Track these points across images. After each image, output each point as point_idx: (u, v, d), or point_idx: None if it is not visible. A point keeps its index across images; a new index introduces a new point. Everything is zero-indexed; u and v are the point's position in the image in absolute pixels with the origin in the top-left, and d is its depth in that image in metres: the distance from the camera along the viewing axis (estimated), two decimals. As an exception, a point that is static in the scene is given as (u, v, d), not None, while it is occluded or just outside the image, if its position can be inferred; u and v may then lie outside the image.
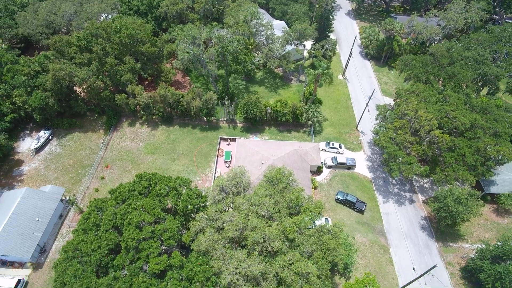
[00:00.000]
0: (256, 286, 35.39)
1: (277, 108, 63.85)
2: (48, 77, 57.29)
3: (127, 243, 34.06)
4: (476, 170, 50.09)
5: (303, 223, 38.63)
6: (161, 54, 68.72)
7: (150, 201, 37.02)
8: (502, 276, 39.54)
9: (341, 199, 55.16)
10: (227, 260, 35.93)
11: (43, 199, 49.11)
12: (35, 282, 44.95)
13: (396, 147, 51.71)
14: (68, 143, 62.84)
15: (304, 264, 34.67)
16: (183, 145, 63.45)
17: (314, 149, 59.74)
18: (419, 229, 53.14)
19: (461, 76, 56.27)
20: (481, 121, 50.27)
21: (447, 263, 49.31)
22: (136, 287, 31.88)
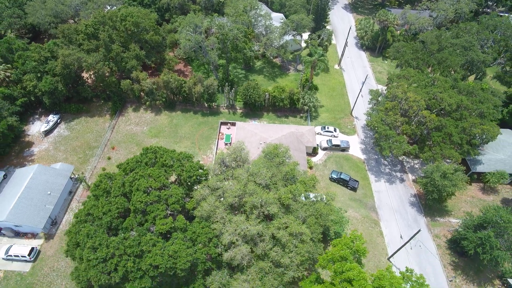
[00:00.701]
0: (254, 246, 38.48)
1: (275, 93, 66.91)
2: (57, 62, 60.32)
3: (136, 206, 37.11)
4: (462, 148, 53.14)
5: (297, 191, 41.65)
6: (164, 43, 71.75)
7: (156, 170, 40.08)
8: (483, 242, 42.56)
9: (335, 177, 58.22)
10: (227, 223, 39.00)
11: (54, 175, 52.16)
12: (47, 251, 48.02)
13: (387, 127, 54.78)
14: (75, 126, 65.92)
15: (298, 226, 37.73)
16: (185, 129, 66.50)
17: (310, 132, 62.80)
18: (409, 205, 56.21)
19: (449, 62, 59.32)
20: (466, 102, 53.27)
21: (434, 235, 52.39)
22: (144, 244, 34.90)
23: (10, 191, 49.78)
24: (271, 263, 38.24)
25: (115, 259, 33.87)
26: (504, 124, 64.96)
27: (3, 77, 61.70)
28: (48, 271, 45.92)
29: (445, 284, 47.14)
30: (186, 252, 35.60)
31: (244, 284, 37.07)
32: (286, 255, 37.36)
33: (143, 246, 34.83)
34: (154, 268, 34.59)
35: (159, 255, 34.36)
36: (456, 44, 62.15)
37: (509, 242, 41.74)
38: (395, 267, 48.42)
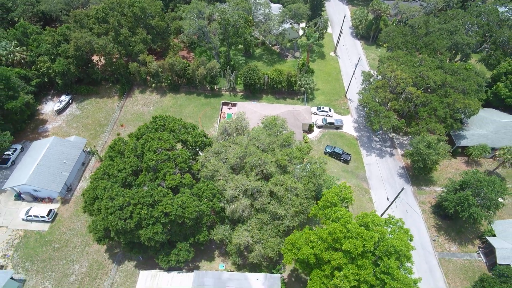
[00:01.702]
0: (254, 201, 42.75)
1: (274, 76, 71.22)
2: (70, 45, 64.57)
3: (148, 163, 41.35)
4: (446, 122, 57.45)
5: (293, 154, 45.96)
6: (169, 29, 76.05)
7: (165, 134, 44.36)
8: (462, 201, 46.85)
9: (329, 151, 62.52)
10: (229, 181, 43.27)
11: (68, 146, 56.40)
12: (63, 213, 52.26)
13: (377, 104, 59.11)
14: (86, 106, 70.18)
15: (292, 181, 42.02)
16: (189, 109, 70.78)
17: (306, 110, 67.12)
18: (397, 176, 60.51)
19: (435, 44, 63.70)
20: (450, 80, 57.61)
21: (420, 202, 56.71)
22: (156, 194, 39.11)
23: (29, 160, 53.97)
24: (269, 216, 42.55)
25: (130, 207, 38.08)
26: (488, 104, 69.46)
27: (19, 59, 65.98)
28: (65, 230, 50.17)
29: (429, 244, 51.43)
30: (193, 203, 39.85)
31: (245, 232, 41.36)
32: (282, 207, 41.66)
33: (155, 197, 39.07)
34: (165, 215, 38.86)
35: (170, 204, 38.61)
36: (443, 29, 66.54)
37: (485, 200, 45.99)
38: (383, 228, 52.69)
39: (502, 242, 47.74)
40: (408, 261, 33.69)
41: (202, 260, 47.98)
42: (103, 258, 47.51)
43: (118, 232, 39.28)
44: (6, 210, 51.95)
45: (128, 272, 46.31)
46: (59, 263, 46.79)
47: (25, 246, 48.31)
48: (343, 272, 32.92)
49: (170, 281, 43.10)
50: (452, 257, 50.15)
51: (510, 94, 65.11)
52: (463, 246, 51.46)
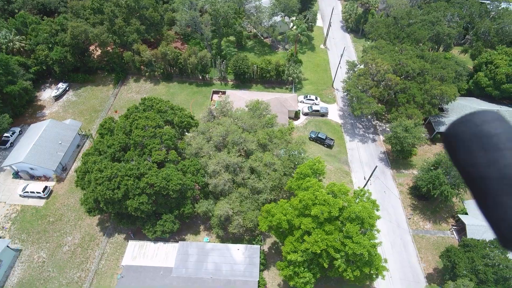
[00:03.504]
0: (235, 176, 45.58)
1: (262, 65, 74.00)
2: (67, 34, 67.63)
3: (135, 139, 44.23)
4: (424, 108, 60.06)
5: (273, 134, 48.75)
6: (162, 21, 79.00)
7: (152, 113, 47.26)
8: (433, 180, 49.51)
9: (313, 136, 65.25)
10: (212, 157, 46.14)
11: (64, 128, 59.48)
12: (58, 190, 55.31)
13: (358, 90, 61.80)
14: (82, 93, 73.26)
15: (271, 157, 44.83)
16: (181, 97, 73.69)
17: (293, 98, 69.88)
18: (378, 160, 63.18)
19: (417, 35, 66.30)
20: (428, 67, 60.21)
21: (398, 184, 59.38)
22: (142, 167, 42.02)
23: (27, 140, 57.08)
24: (249, 190, 45.37)
25: (118, 178, 40.98)
26: (470, 93, 71.98)
27: (18, 47, 69.12)
28: (59, 206, 53.22)
29: (404, 222, 54.12)
30: (177, 176, 42.71)
31: (226, 204, 44.21)
32: (261, 182, 44.47)
33: (141, 169, 41.98)
34: (150, 186, 41.75)
35: (155, 176, 41.51)
36: (425, 20, 69.10)
37: (454, 178, 48.59)
38: (361, 207, 55.44)
39: (473, 219, 50.34)
40: (371, 227, 36.40)
41: (188, 234, 50.91)
42: (95, 231, 50.53)
43: (107, 202, 42.20)
44: (4, 187, 55.05)
45: (118, 243, 49.29)
46: (53, 235, 49.84)
47: (22, 219, 51.38)
48: (313, 236, 35.68)
49: (157, 251, 46.04)
50: (426, 234, 52.82)
51: (489, 83, 67.54)
52: (437, 224, 54.11)
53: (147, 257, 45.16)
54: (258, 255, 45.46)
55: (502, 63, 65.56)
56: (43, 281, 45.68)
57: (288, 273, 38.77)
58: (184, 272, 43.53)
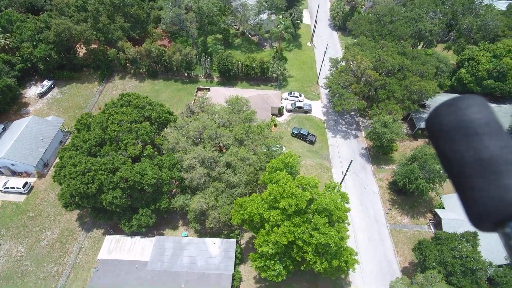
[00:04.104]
0: (211, 170, 45.95)
1: (247, 62, 74.35)
2: (50, 31, 67.95)
3: (110, 134, 44.60)
4: (404, 103, 60.45)
5: (250, 129, 49.12)
6: (148, 18, 79.36)
7: (129, 109, 47.63)
8: (409, 174, 49.92)
9: (296, 133, 65.62)
10: (188, 152, 46.51)
11: (46, 125, 59.82)
12: (39, 186, 55.66)
13: (339, 86, 62.17)
14: (67, 91, 73.60)
15: (245, 151, 45.21)
16: (166, 94, 74.05)
17: (276, 95, 70.25)
18: (359, 156, 63.57)
19: (398, 31, 66.69)
20: (408, 63, 60.60)
21: (378, 179, 59.77)
22: (117, 162, 42.39)
23: (9, 137, 57.44)
24: (224, 184, 45.74)
25: (92, 173, 41.35)
26: (453, 90, 72.41)
27: (3, 45, 69.47)
28: (39, 201, 53.57)
29: (382, 216, 54.53)
30: (152, 171, 43.08)
31: (201, 199, 44.57)
32: (236, 176, 44.84)
33: (115, 164, 42.34)
34: (124, 181, 42.11)
35: (128, 170, 41.87)
36: (407, 17, 69.49)
37: (429, 172, 48.97)
38: (340, 202, 55.85)
39: (449, 213, 50.77)
40: (339, 219, 36.75)
41: (167, 228, 51.27)
42: (74, 226, 50.90)
43: (81, 196, 42.56)
44: (-15, 183, 55.40)
45: (96, 238, 49.66)
46: (32, 230, 50.20)
47: (2, 214, 51.73)
48: (281, 228, 36.06)
49: (133, 245, 46.42)
50: (403, 228, 53.23)
51: (471, 80, 67.98)
52: (415, 218, 54.52)
53: (124, 251, 45.54)
54: (234, 249, 45.84)
55: (484, 59, 65.99)
56: (21, 274, 46.04)
57: (259, 264, 39.16)
58: (159, 266, 43.90)
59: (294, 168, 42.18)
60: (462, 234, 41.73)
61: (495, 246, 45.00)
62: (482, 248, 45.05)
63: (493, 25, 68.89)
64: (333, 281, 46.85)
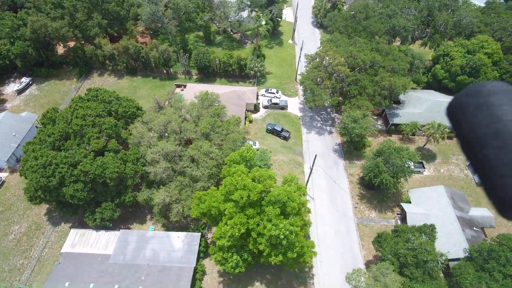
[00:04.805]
0: (175, 164, 46.30)
1: (224, 59, 74.69)
2: (27, 28, 68.34)
3: (73, 128, 45.00)
4: (374, 99, 60.73)
5: (216, 124, 49.47)
6: (127, 15, 79.71)
7: (94, 104, 48.00)
8: (374, 168, 50.25)
9: (270, 129, 65.96)
10: (152, 146, 46.86)
11: (19, 121, 60.20)
12: (10, 181, 56.07)
13: (312, 82, 62.49)
14: (45, 87, 74.02)
15: (209, 145, 45.56)
16: (143, 91, 74.42)
17: (251, 91, 70.60)
18: (332, 151, 63.89)
19: (372, 28, 66.97)
20: (379, 59, 60.88)
21: (349, 174, 60.09)
22: (78, 155, 42.77)
23: (-19, 132, 57.83)
24: (188, 178, 46.10)
25: (52, 166, 41.73)
26: (429, 86, 72.73)
27: (-20, 42, 69.79)
28: (10, 196, 53.97)
29: (351, 211, 54.87)
30: (114, 164, 43.44)
31: (164, 193, 44.93)
32: (199, 170, 45.20)
33: (76, 158, 42.72)
34: (85, 174, 42.47)
35: (89, 164, 42.24)
36: (382, 13, 69.79)
37: (393, 167, 49.28)
38: (310, 196, 56.26)
39: (414, 208, 51.09)
40: (293, 210, 37.06)
41: (134, 223, 51.64)
42: (42, 220, 51.30)
43: (44, 190, 42.93)
44: (-43, 178, 55.81)
45: (63, 232, 50.02)
46: (0, 224, 50.59)
47: (-29, 209, 52.15)
48: (233, 220, 36.41)
49: (98, 239, 46.80)
50: (370, 223, 53.55)
51: (445, 75, 68.24)
52: (383, 213, 54.83)
53: (88, 245, 45.92)
54: (198, 243, 46.20)
55: (457, 55, 66.26)
56: (-14, 268, 46.45)
57: (217, 257, 39.53)
58: (122, 259, 44.27)
59: (252, 161, 42.53)
60: (420, 226, 42.05)
61: (455, 240, 45.33)
62: (443, 242, 45.55)
63: (468, 21, 69.12)
64: (297, 274, 47.27)
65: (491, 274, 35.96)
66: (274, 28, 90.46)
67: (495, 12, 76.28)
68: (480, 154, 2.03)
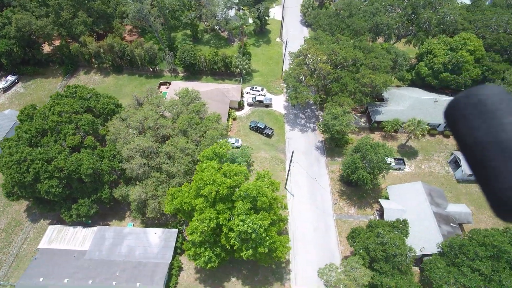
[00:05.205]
0: (151, 161, 46.50)
1: (209, 57, 74.88)
2: (12, 26, 68.51)
3: (50, 125, 45.20)
4: (356, 96, 60.92)
5: (194, 120, 49.66)
6: (114, 13, 79.86)
7: (71, 100, 48.21)
8: (351, 164, 50.46)
9: (253, 126, 66.16)
10: (129, 143, 47.05)
11: (2, 118, 60.42)
12: (-8, 178, 56.29)
13: (294, 80, 62.70)
14: (31, 86, 74.23)
15: (184, 141, 45.75)
16: (128, 88, 74.58)
17: (236, 89, 70.78)
18: (315, 148, 64.09)
19: (355, 26, 67.15)
20: (360, 56, 61.06)
21: (330, 171, 60.29)
22: (52, 152, 42.96)
23: (-38, 130, 58.04)
24: (165, 174, 46.29)
25: (27, 162, 41.91)
26: (413, 84, 72.94)
27: (-35, 40, 69.98)
28: (-10, 193, 54.14)
29: (330, 207, 55.07)
30: (89, 161, 43.61)
31: (140, 189, 45.12)
32: (175, 166, 45.40)
33: (51, 154, 42.91)
34: (59, 170, 42.66)
35: (64, 160, 42.43)
36: (366, 11, 69.97)
37: (370, 163, 49.46)
38: (290, 193, 56.48)
39: (391, 204, 51.28)
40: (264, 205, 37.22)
41: (114, 219, 51.84)
42: (21, 217, 51.49)
43: (20, 186, 43.12)
44: None
45: (42, 228, 50.20)
46: (-21, 221, 50.82)
47: (-49, 206, 52.33)
48: (203, 215, 36.61)
49: (75, 235, 47.00)
50: (349, 219, 53.77)
51: (429, 73, 68.41)
52: (362, 209, 55.05)
53: (64, 241, 46.12)
54: (175, 239, 46.38)
55: (440, 53, 66.45)
56: (-36, 264, 46.65)
57: (190, 253, 39.74)
58: (97, 255, 44.47)
59: (225, 157, 42.72)
60: (393, 222, 42.26)
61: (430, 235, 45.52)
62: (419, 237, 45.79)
63: (451, 19, 69.29)
64: (273, 270, 47.48)
65: (460, 268, 36.14)
66: (261, 27, 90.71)
67: (480, 9, 76.47)
68: (478, 156, 2.06)
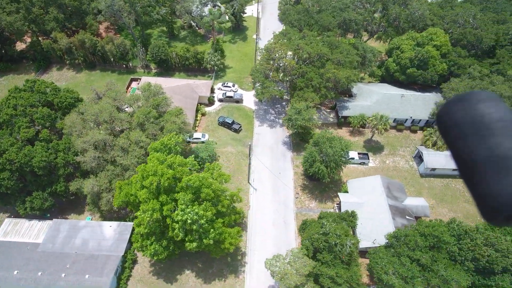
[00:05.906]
0: (106, 154, 46.64)
1: (181, 52, 75.05)
2: (-20, 22, 68.71)
3: (3, 118, 45.34)
4: (320, 91, 61.13)
5: (151, 114, 49.82)
6: (87, 9, 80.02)
7: (27, 94, 48.37)
8: (309, 158, 50.68)
9: (221, 121, 66.36)
10: (83, 136, 47.19)
11: (-34, 113, 60.52)
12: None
13: (261, 75, 62.89)
14: (3, 82, 74.36)
15: (137, 134, 45.91)
16: (100, 84, 74.05)
17: (206, 85, 70.99)
18: (281, 144, 64.28)
19: (324, 21, 67.39)
20: (326, 51, 61.27)
21: (295, 166, 60.48)
22: (4, 144, 43.09)
23: None
24: (120, 167, 46.44)
25: (-23, 155, 42.06)
26: (383, 80, 73.19)
27: None
28: (-49, 187, 54.22)
29: (291, 201, 55.27)
30: (42, 153, 43.73)
31: (93, 182, 45.25)
32: (128, 159, 45.56)
33: (2, 146, 43.02)
34: (10, 162, 42.78)
35: (15, 152, 42.55)
36: (335, 7, 70.22)
37: (327, 156, 49.62)
38: (253, 187, 56.70)
39: (349, 197, 51.53)
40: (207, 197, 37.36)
41: (72, 213, 52.01)
42: (-20, 211, 51.63)
43: (-30, 178, 43.21)
44: None
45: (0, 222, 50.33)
46: None
47: None
48: (145, 206, 36.77)
49: (30, 228, 47.12)
50: (309, 212, 53.94)
51: (397, 68, 68.64)
52: (323, 203, 55.26)
53: (19, 234, 46.25)
54: (129, 232, 46.50)
55: (407, 48, 66.70)
56: None
57: (137, 245, 39.89)
58: (51, 248, 44.59)
59: (174, 149, 42.89)
60: (341, 213, 42.49)
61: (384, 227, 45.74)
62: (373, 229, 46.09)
63: (420, 14, 69.57)
64: (228, 262, 47.65)
65: (399, 258, 36.35)
66: (238, 24, 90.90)
67: (451, 5, 76.81)
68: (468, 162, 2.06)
